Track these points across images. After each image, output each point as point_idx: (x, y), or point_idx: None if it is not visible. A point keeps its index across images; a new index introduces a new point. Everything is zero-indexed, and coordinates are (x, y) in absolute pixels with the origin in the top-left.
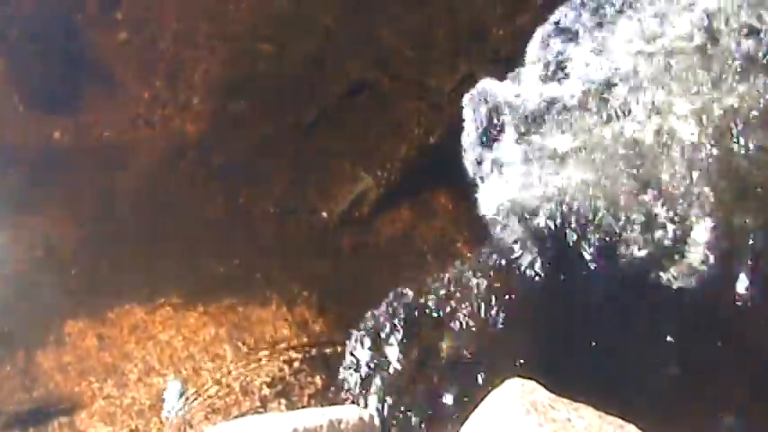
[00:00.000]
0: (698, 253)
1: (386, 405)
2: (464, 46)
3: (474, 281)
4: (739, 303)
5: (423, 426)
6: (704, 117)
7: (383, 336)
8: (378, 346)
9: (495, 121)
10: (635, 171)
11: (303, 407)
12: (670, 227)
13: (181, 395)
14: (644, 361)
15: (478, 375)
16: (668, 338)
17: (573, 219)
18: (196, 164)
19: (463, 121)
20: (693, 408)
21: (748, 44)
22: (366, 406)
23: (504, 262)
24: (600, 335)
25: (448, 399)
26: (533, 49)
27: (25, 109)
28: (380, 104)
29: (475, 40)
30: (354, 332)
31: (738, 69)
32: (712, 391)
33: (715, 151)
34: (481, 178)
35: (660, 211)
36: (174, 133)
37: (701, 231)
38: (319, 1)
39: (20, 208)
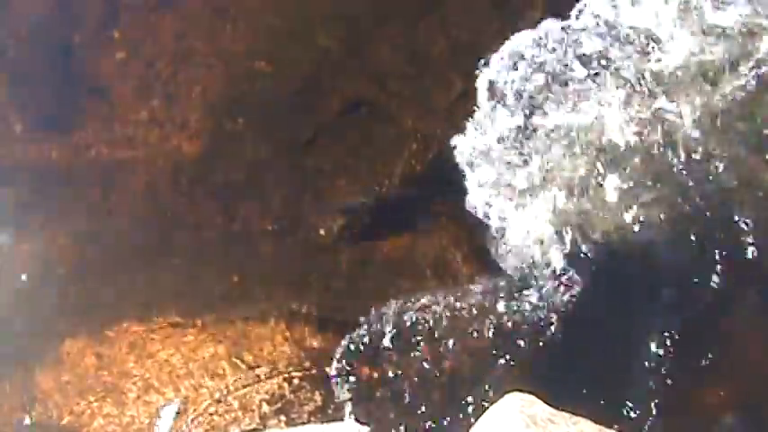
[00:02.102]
0: (698, 264)
1: (385, 421)
2: (460, 61)
3: (473, 296)
4: (743, 314)
5: None
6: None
7: (382, 352)
8: (377, 362)
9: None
10: (635, 187)
11: (303, 423)
12: (670, 239)
13: (180, 413)
14: (644, 375)
15: (478, 390)
16: (669, 352)
17: (570, 234)
18: (194, 182)
19: (460, 137)
20: (694, 422)
21: None
22: (365, 422)
23: (502, 277)
24: (599, 349)
25: (447, 413)
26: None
27: (23, 127)
28: (377, 121)
29: (471, 56)
30: (354, 348)
31: None
32: (714, 404)
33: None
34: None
35: (660, 226)
36: (172, 152)
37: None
38: (315, 19)
39: (17, 226)
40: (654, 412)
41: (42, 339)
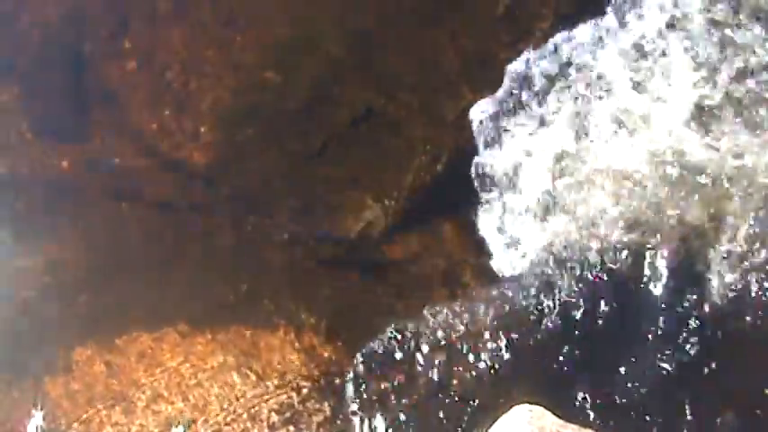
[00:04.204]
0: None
1: None
2: (469, 72)
3: (481, 307)
4: (750, 326)
5: None
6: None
7: (391, 363)
8: (386, 374)
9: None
10: (642, 202)
11: None
12: (677, 253)
13: (189, 423)
14: (653, 387)
15: (486, 401)
16: (678, 364)
17: (580, 245)
18: (203, 192)
19: (469, 146)
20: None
21: None
22: None
23: (511, 289)
24: (608, 360)
25: (456, 425)
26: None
27: (34, 137)
28: (386, 131)
29: (480, 67)
30: (362, 359)
31: None
32: (723, 416)
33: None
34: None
35: (669, 240)
36: (182, 161)
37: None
38: (325, 29)
39: (28, 236)
40: (662, 425)
41: (51, 347)
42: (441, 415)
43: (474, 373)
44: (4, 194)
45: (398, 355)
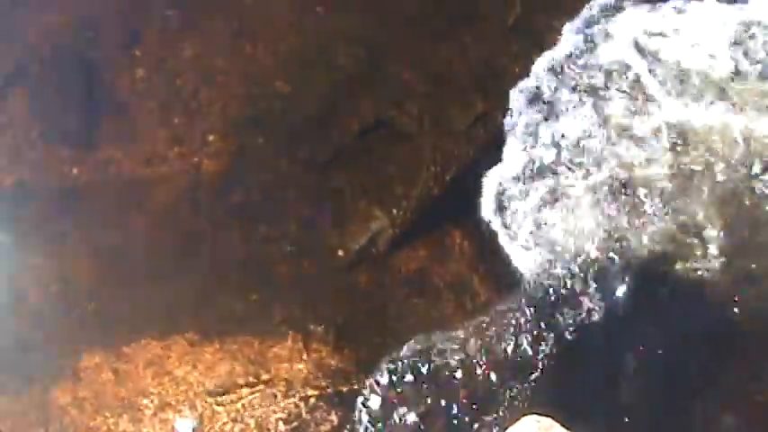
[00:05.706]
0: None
1: None
2: (480, 83)
3: (490, 318)
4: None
5: None
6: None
7: (399, 373)
8: (393, 384)
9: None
10: (656, 219)
11: None
12: (684, 262)
13: (196, 431)
14: (662, 398)
15: (495, 412)
16: (686, 376)
17: (586, 260)
18: (213, 201)
19: (479, 158)
20: None
21: None
22: None
23: (519, 300)
24: (617, 371)
25: None
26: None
27: (44, 145)
28: (396, 142)
29: (490, 78)
30: (370, 371)
31: None
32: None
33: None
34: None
35: (675, 251)
36: (191, 170)
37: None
38: (335, 40)
39: (37, 243)
40: None
41: (60, 355)
42: (449, 426)
43: (482, 384)
44: (15, 202)
45: (405, 367)
